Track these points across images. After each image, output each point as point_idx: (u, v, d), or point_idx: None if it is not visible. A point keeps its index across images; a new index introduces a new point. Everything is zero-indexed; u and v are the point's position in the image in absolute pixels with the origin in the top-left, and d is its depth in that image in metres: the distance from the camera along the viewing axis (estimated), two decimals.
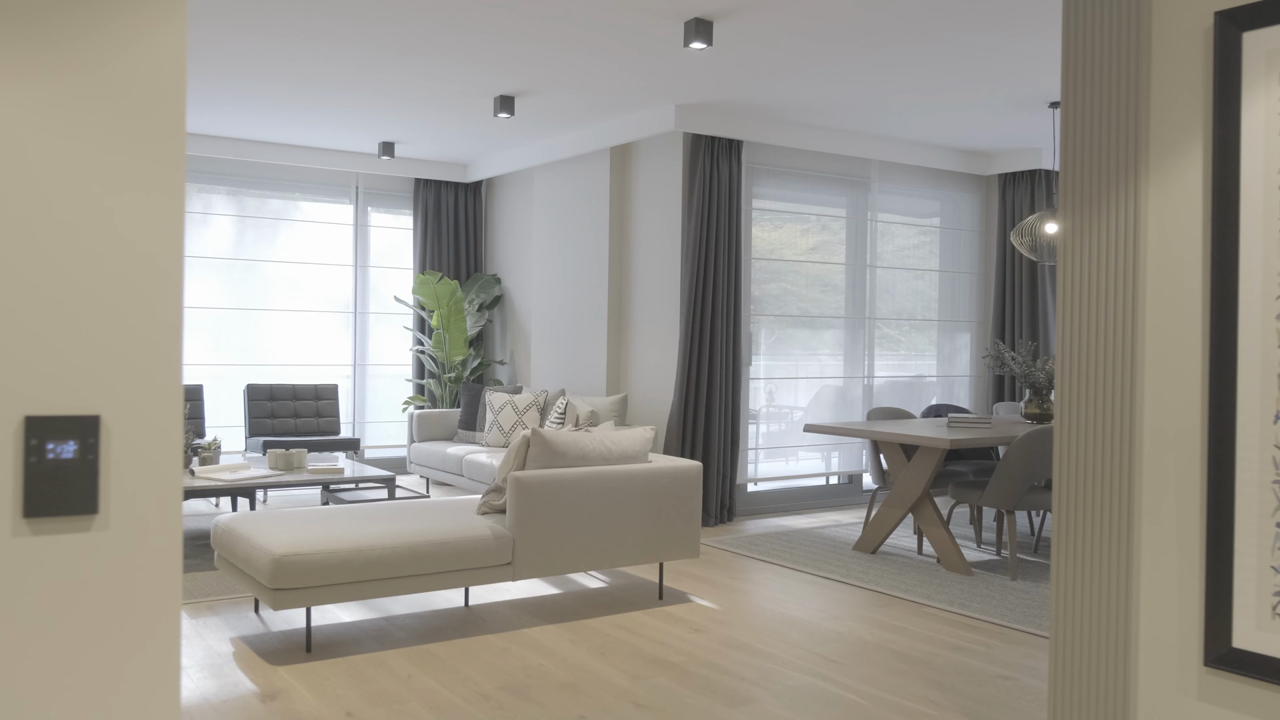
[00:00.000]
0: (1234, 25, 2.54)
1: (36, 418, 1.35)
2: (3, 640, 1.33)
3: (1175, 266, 2.70)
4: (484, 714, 3.44)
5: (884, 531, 6.02)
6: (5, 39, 1.33)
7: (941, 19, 4.79)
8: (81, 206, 1.38)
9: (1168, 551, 2.71)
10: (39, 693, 1.36)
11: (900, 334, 8.36)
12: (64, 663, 1.37)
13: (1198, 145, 2.64)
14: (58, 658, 1.37)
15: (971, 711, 3.54)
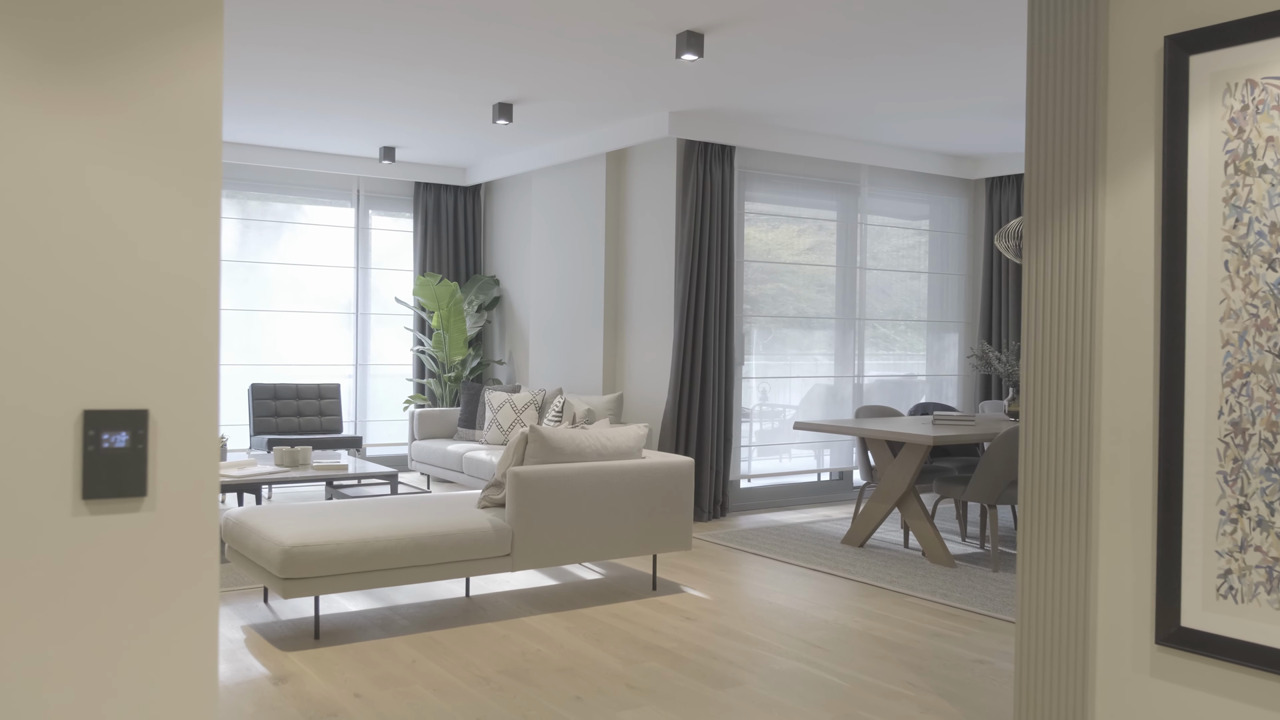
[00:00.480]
0: (1182, 49, 2.73)
1: (94, 411, 1.54)
2: (66, 606, 1.52)
3: (1130, 280, 2.89)
4: (485, 695, 3.63)
5: (871, 525, 6.21)
6: (68, 77, 1.51)
7: (925, 31, 4.98)
8: (132, 227, 1.56)
9: (1123, 538, 2.90)
10: (98, 651, 1.55)
11: (893, 334, 8.55)
12: (119, 625, 1.56)
13: (1150, 161, 2.83)
14: (114, 621, 1.56)
15: (947, 693, 3.74)
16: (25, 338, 1.49)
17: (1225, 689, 2.69)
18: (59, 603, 1.52)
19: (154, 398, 1.59)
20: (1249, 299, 2.62)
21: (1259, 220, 2.60)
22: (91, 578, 1.54)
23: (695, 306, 7.08)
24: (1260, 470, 2.60)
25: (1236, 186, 2.64)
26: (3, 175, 1.47)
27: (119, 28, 1.55)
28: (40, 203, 1.50)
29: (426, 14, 4.82)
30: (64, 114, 1.52)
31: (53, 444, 1.51)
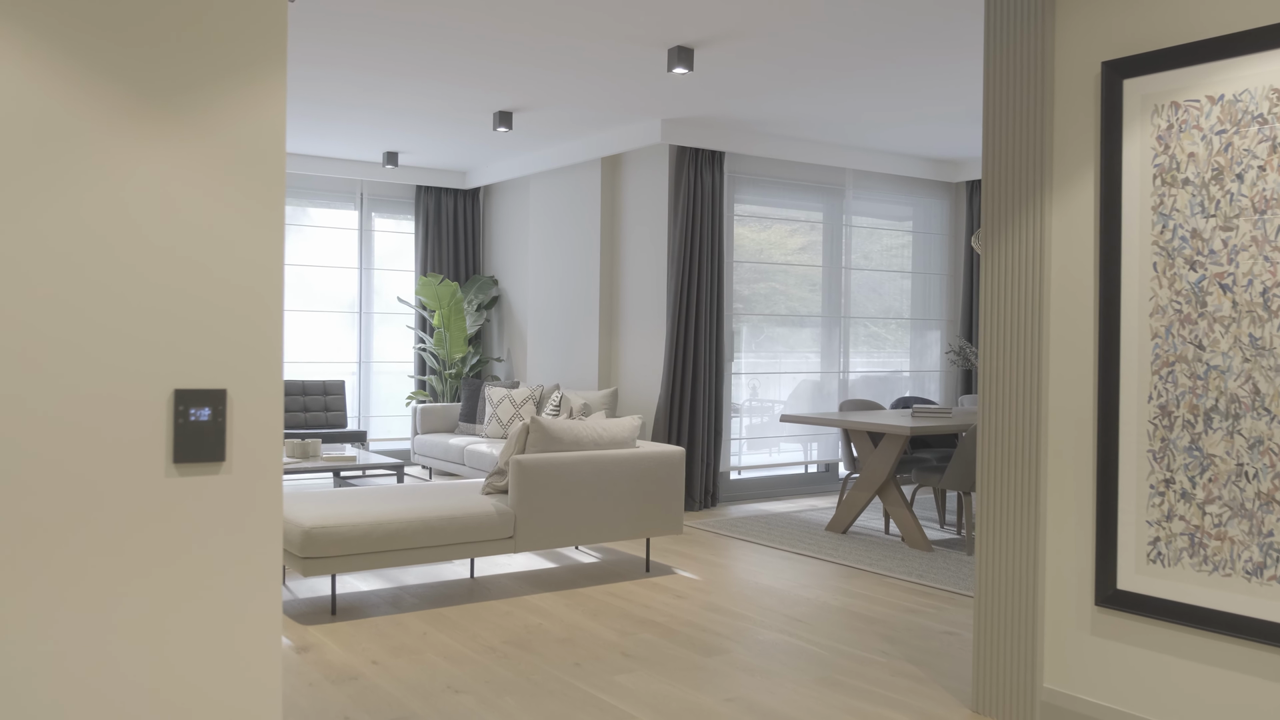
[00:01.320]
0: (1117, 73, 3.06)
1: (183, 390, 1.86)
2: (159, 551, 1.85)
3: (1073, 280, 3.23)
4: (492, 662, 3.96)
5: (853, 512, 6.54)
6: (160, 112, 1.83)
7: (897, 47, 5.31)
8: (211, 240, 1.89)
9: (1068, 512, 3.24)
10: (186, 590, 1.87)
11: (881, 331, 8.89)
12: (201, 568, 1.88)
13: (1090, 173, 3.17)
14: (197, 565, 1.88)
15: (916, 659, 4.07)
16: (129, 330, 1.81)
17: (1155, 644, 3.02)
18: (156, 547, 1.84)
19: (230, 380, 1.91)
20: (1174, 296, 2.96)
21: (1182, 227, 2.93)
22: (181, 527, 1.86)
23: (687, 305, 7.40)
24: (1183, 448, 2.94)
25: (1163, 196, 2.97)
26: (108, 194, 1.79)
27: (201, 71, 1.87)
28: (138, 217, 1.82)
29: (431, 30, 5.14)
30: (156, 142, 1.83)
31: (151, 418, 1.83)
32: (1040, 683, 3.31)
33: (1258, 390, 2.78)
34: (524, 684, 3.72)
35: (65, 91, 1.75)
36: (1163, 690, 3.00)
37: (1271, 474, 2.75)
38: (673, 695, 3.62)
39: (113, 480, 1.80)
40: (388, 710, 3.44)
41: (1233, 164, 2.82)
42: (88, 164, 1.77)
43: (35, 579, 1.74)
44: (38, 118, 1.73)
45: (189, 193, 1.87)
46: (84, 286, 1.77)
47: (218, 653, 1.90)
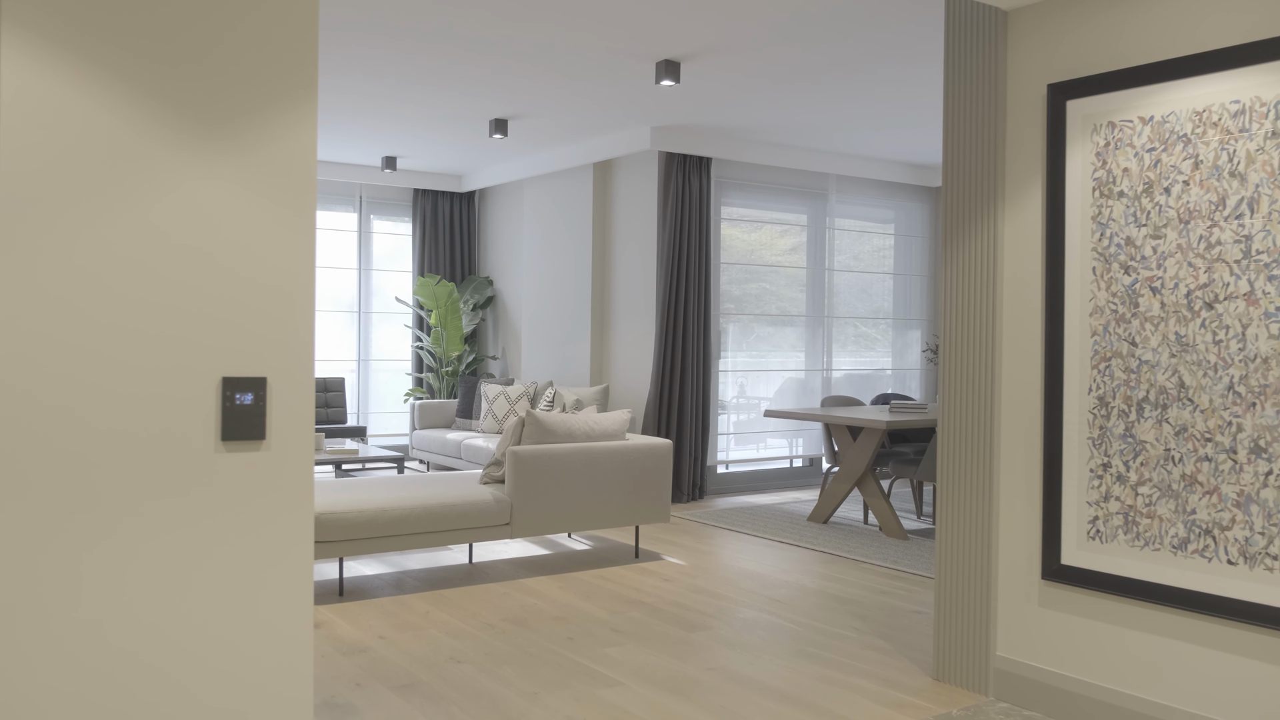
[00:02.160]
0: (1061, 94, 3.37)
1: (229, 378, 2.15)
2: (210, 519, 2.14)
3: (1022, 283, 3.53)
4: (491, 637, 4.25)
5: (834, 503, 6.85)
6: (211, 135, 2.13)
7: (872, 59, 5.61)
8: (253, 246, 2.18)
9: (1018, 495, 3.55)
10: (233, 549, 2.16)
11: (870, 331, 9.20)
12: (246, 531, 2.18)
13: (1038, 185, 3.48)
14: (242, 529, 2.17)
15: (885, 635, 4.37)
16: (183, 327, 2.09)
17: (1095, 613, 3.33)
18: (207, 513, 2.13)
19: (270, 369, 2.20)
20: (1110, 298, 3.26)
21: (1117, 235, 3.24)
22: (228, 496, 2.15)
23: (675, 305, 7.70)
24: (1119, 435, 3.24)
25: (1101, 207, 3.28)
26: (166, 208, 2.08)
27: (246, 100, 2.16)
28: (192, 228, 2.11)
29: (431, 41, 5.43)
30: (208, 162, 2.12)
31: (203, 401, 2.12)
32: (994, 651, 3.61)
33: (1182, 383, 3.09)
34: (521, 655, 4.02)
35: (132, 119, 2.04)
36: (1102, 654, 3.31)
37: (1194, 458, 3.06)
38: (658, 665, 3.92)
39: (172, 454, 2.09)
40: (395, 678, 3.73)
41: (1161, 179, 3.13)
42: (151, 182, 2.07)
43: (107, 537, 2.03)
44: (110, 142, 2.02)
45: (234, 205, 2.16)
46: (148, 287, 2.06)
47: (257, 597, 2.20)
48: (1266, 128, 2.90)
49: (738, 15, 4.86)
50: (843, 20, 4.90)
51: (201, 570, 2.13)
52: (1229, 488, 2.98)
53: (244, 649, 2.19)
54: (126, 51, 2.03)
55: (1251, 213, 2.93)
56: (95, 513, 2.02)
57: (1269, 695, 2.92)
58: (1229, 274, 2.98)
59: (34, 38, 1.94)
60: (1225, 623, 3.01)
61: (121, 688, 2.05)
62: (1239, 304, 2.96)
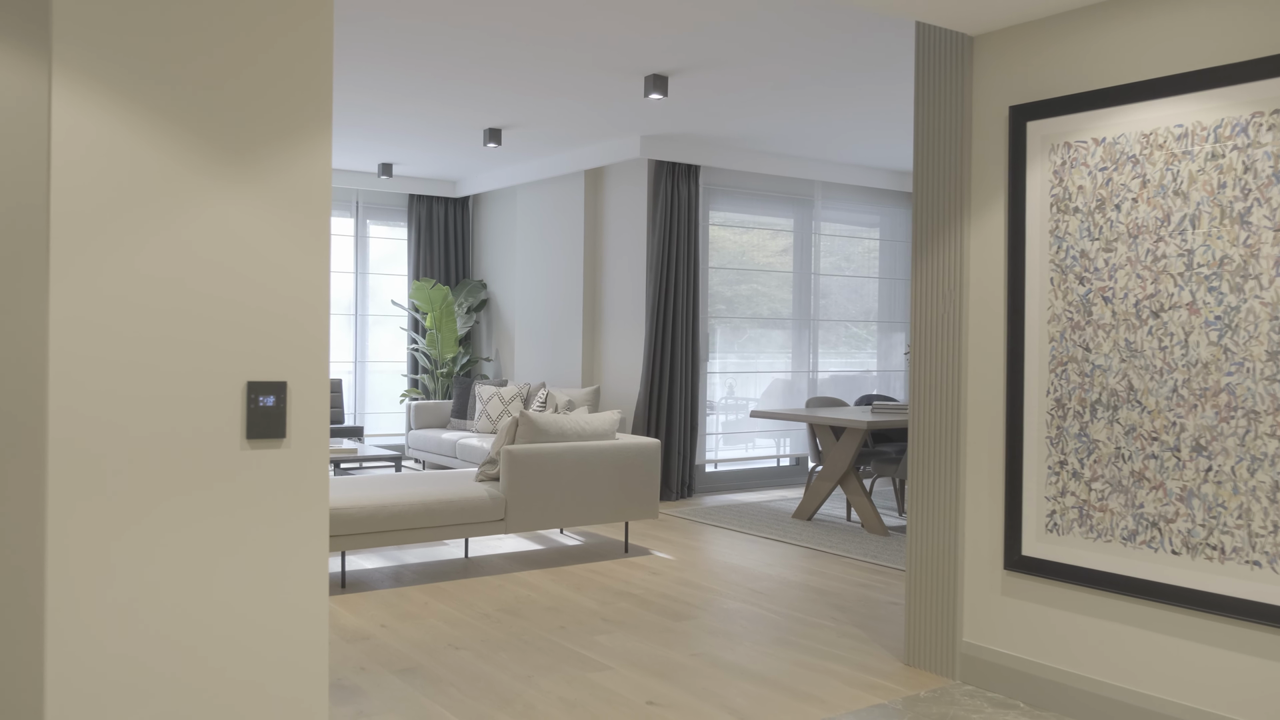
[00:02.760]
0: (1022, 116, 3.61)
1: (254, 382, 2.37)
2: (237, 509, 2.36)
3: (987, 292, 3.77)
4: (487, 626, 4.47)
5: (817, 501, 7.09)
6: (237, 163, 2.35)
7: (850, 73, 5.85)
8: (274, 263, 2.40)
9: (982, 490, 3.78)
10: (257, 539, 2.38)
11: (859, 332, 9.44)
12: (269, 520, 2.40)
13: (1001, 200, 3.71)
14: (266, 518, 2.39)
15: (861, 624, 4.61)
16: (212, 336, 2.31)
17: (1052, 600, 3.57)
18: (234, 504, 2.35)
19: (289, 374, 2.42)
20: (1067, 306, 3.50)
21: (1073, 248, 3.48)
22: (252, 488, 2.37)
23: (664, 308, 7.93)
24: (1074, 435, 3.48)
25: (1059, 222, 3.52)
26: (197, 228, 2.30)
27: (267, 131, 2.38)
28: (218, 246, 2.33)
29: (427, 55, 5.65)
30: (236, 187, 2.34)
31: (231, 403, 2.34)
32: (960, 637, 3.85)
33: (1131, 386, 3.33)
34: (515, 642, 4.24)
35: (167, 149, 2.26)
36: (1058, 639, 3.55)
37: (1142, 455, 3.30)
38: (645, 651, 4.15)
39: (203, 451, 2.31)
40: (398, 662, 3.95)
41: (1112, 196, 3.37)
42: (184, 205, 2.29)
43: (142, 521, 2.25)
44: (146, 170, 2.24)
45: (257, 226, 2.38)
46: (181, 299, 2.28)
47: (280, 578, 2.42)
48: (1206, 150, 3.14)
49: (721, 33, 5.09)
50: (822, 39, 5.13)
51: (231, 554, 2.35)
52: (1173, 483, 3.22)
53: (268, 626, 2.41)
54: (162, 89, 2.25)
55: (1193, 229, 3.17)
56: (137, 501, 2.24)
57: (1206, 672, 3.16)
58: (1173, 285, 3.22)
59: (81, 77, 2.16)
60: (1169, 608, 3.25)
61: (184, 649, 2.27)
62: (1182, 313, 3.20)
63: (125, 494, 2.22)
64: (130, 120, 2.22)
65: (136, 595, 2.24)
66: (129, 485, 2.23)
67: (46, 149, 2.15)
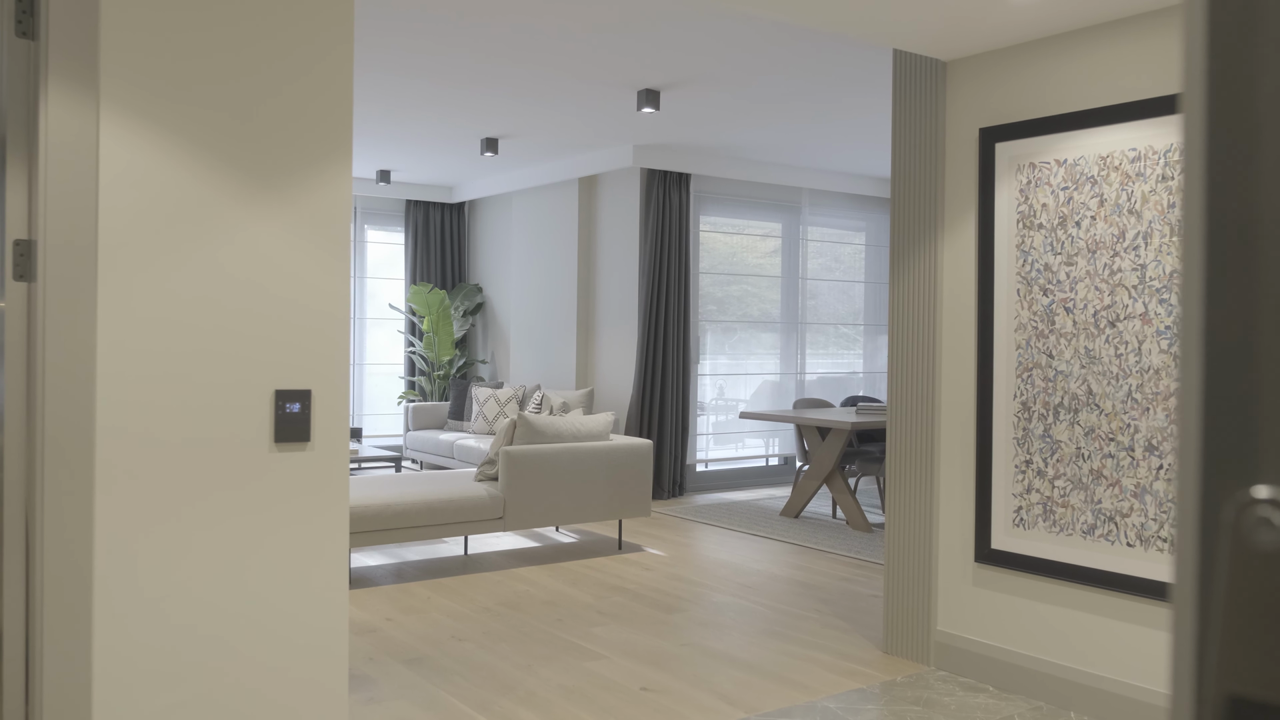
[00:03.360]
0: (990, 138, 3.85)
1: (281, 390, 2.60)
2: (265, 507, 2.59)
3: (958, 301, 4.01)
4: (488, 619, 4.70)
5: (804, 499, 7.33)
6: (266, 190, 2.57)
7: (836, 89, 6.09)
8: (300, 280, 2.63)
9: (955, 488, 4.02)
10: (284, 535, 2.61)
11: (847, 333, 9.68)
12: (295, 518, 2.63)
13: (972, 216, 3.96)
14: (292, 516, 2.62)
15: (844, 615, 4.85)
16: (245, 348, 2.54)
17: (1019, 590, 3.81)
18: (263, 504, 2.57)
19: (313, 383, 2.65)
20: (1031, 316, 3.74)
21: (1037, 261, 3.72)
22: (280, 488, 2.60)
23: (656, 313, 8.17)
24: (1039, 436, 3.72)
25: (1024, 237, 3.76)
26: (237, 249, 2.52)
27: (293, 161, 2.60)
28: (253, 265, 2.55)
29: (428, 72, 5.88)
30: (264, 212, 2.57)
31: (261, 409, 2.57)
32: (935, 626, 4.09)
33: (1090, 390, 3.57)
34: (515, 634, 4.47)
35: (204, 177, 2.49)
36: (1023, 626, 3.79)
37: (1100, 455, 3.54)
38: (639, 641, 4.38)
39: (237, 453, 2.54)
40: (404, 654, 4.18)
41: (1073, 214, 3.61)
42: (218, 229, 2.51)
43: (180, 516, 2.48)
44: (185, 197, 2.46)
45: (284, 247, 2.61)
46: (214, 316, 2.51)
47: (307, 570, 2.65)
48: (1158, 172, 3.38)
49: (711, 51, 5.32)
50: (807, 56, 5.38)
51: (260, 548, 2.58)
52: (1128, 480, 3.47)
53: (294, 614, 2.64)
54: (198, 123, 2.48)
55: (1146, 245, 3.42)
56: (177, 498, 2.46)
57: (1160, 656, 3.41)
58: (1128, 297, 3.47)
59: (127, 113, 2.39)
60: (1125, 596, 3.49)
61: (214, 638, 2.50)
62: (1136, 323, 3.45)
63: (163, 494, 2.45)
64: (168, 150, 2.45)
65: (176, 586, 2.47)
66: (168, 487, 2.45)
67: (95, 177, 2.37)
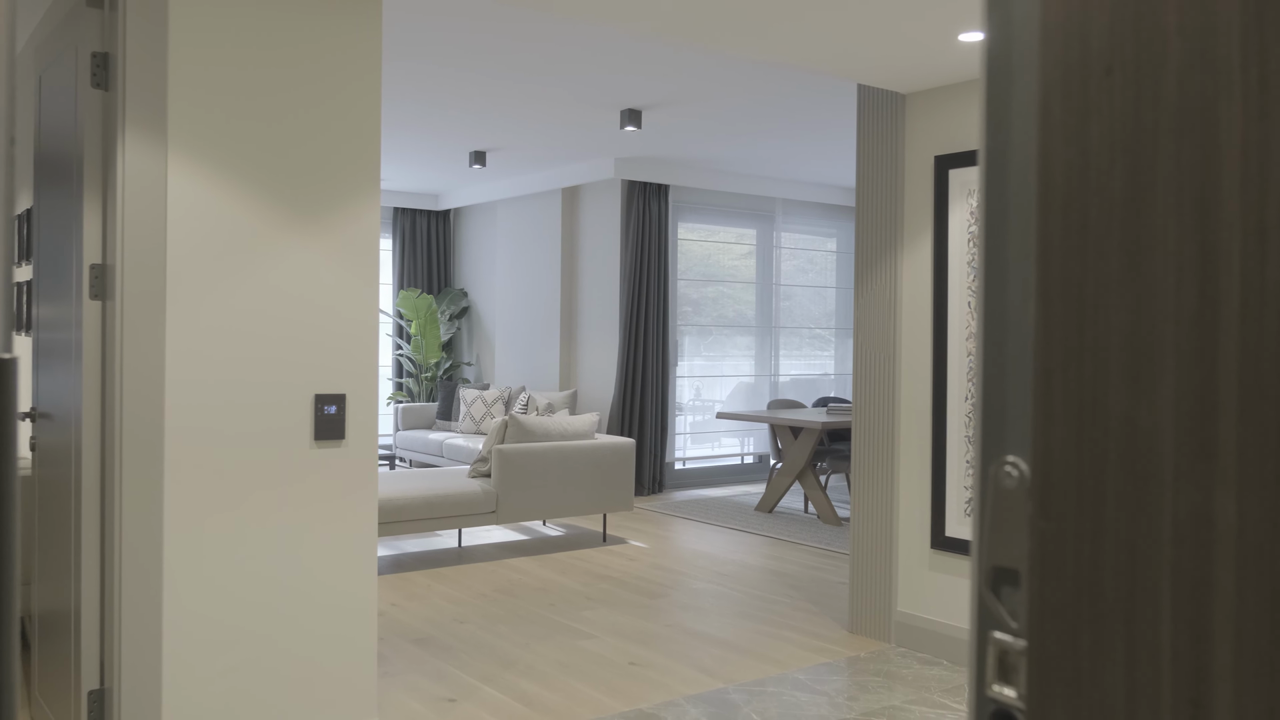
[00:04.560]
0: (945, 165, 4.27)
1: (320, 394, 2.97)
2: (306, 499, 2.96)
3: (916, 312, 4.43)
4: (485, 603, 5.08)
5: (777, 495, 7.75)
6: (306, 220, 2.95)
7: (803, 106, 6.51)
8: (336, 298, 3.00)
9: (913, 481, 4.44)
10: (323, 520, 2.99)
11: (816, 337, 10.12)
12: (332, 508, 3.00)
13: (928, 236, 4.37)
14: (328, 505, 3.00)
15: (814, 600, 5.26)
16: (290, 356, 2.91)
17: (968, 573, 4.23)
18: (305, 494, 2.94)
19: (348, 387, 3.02)
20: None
21: None
22: (319, 480, 2.97)
23: (636, 317, 8.56)
24: None
25: (975, 255, 4.18)
26: (282, 272, 2.89)
27: (329, 196, 2.98)
28: (296, 285, 2.92)
29: (421, 91, 6.25)
30: (305, 239, 2.94)
31: (302, 411, 2.94)
32: (895, 607, 4.51)
33: None
34: (512, 617, 4.85)
35: (256, 210, 2.86)
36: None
37: None
38: (625, 622, 4.77)
39: (283, 450, 2.91)
40: (411, 634, 4.56)
41: None
42: (269, 254, 2.89)
43: (236, 503, 2.85)
44: (241, 227, 2.84)
45: (323, 269, 2.98)
46: (264, 328, 2.88)
47: (341, 550, 3.02)
48: None
49: (691, 75, 5.73)
50: (781, 81, 5.79)
51: (305, 529, 2.96)
52: None
53: (332, 585, 3.02)
54: (249, 163, 2.85)
55: None
56: (232, 491, 2.84)
57: None
58: None
59: (190, 155, 2.76)
60: None
61: (264, 609, 2.87)
62: None
63: (222, 484, 2.82)
64: (225, 187, 2.82)
65: (233, 564, 2.84)
66: (226, 478, 2.82)
67: (164, 210, 2.74)
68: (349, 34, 3.02)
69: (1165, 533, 0.75)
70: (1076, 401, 0.81)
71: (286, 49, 2.90)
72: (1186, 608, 0.75)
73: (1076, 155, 0.81)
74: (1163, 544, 0.75)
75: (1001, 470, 0.88)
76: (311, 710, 2.99)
